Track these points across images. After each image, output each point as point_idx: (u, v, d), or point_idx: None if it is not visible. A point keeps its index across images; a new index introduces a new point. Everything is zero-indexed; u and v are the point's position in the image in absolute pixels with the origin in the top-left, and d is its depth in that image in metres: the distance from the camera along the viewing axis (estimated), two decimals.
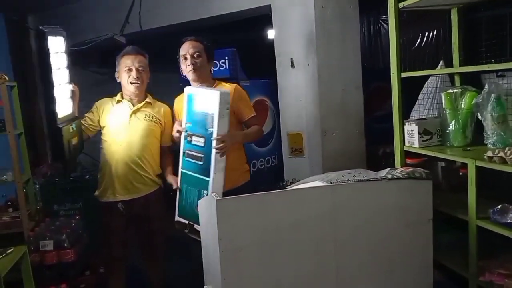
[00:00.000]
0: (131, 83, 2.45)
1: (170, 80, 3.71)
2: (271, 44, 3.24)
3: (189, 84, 2.51)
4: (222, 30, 3.93)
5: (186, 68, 2.40)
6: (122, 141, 2.45)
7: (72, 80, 2.47)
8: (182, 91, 2.43)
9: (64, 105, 2.38)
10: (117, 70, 2.51)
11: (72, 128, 2.36)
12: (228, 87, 2.46)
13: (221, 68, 3.66)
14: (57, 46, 2.36)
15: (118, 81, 2.53)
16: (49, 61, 2.26)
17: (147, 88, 2.58)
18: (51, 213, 2.85)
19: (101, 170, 2.52)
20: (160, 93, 2.71)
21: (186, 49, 2.40)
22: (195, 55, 2.38)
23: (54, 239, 2.47)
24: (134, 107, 2.50)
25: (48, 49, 2.26)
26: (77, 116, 2.48)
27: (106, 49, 2.54)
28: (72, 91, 2.44)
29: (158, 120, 2.53)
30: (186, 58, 2.40)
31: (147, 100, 2.54)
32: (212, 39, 2.57)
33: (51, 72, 2.27)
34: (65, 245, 2.48)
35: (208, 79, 2.47)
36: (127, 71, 2.45)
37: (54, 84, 2.28)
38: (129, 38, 3.88)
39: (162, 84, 3.02)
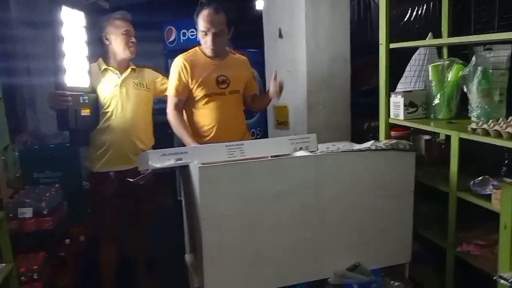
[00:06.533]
0: (130, 47, 2.41)
1: (154, 48, 3.62)
2: (259, 14, 3.17)
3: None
4: None
5: (205, 44, 2.32)
6: (114, 111, 2.40)
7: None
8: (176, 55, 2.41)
9: (77, 77, 2.35)
10: (105, 32, 2.41)
11: (83, 99, 2.31)
12: (243, 58, 2.51)
13: None
14: (75, 19, 2.34)
15: (107, 43, 2.43)
16: (58, 31, 2.22)
17: None
18: (30, 181, 2.79)
19: (94, 140, 2.44)
20: (144, 62, 2.62)
21: (207, 25, 2.25)
22: (217, 33, 2.27)
23: (33, 206, 2.42)
24: (121, 75, 2.43)
25: (59, 19, 2.22)
26: (95, 92, 2.41)
27: (89, 14, 2.46)
28: None
29: (146, 86, 2.50)
30: (206, 34, 2.28)
31: (132, 67, 2.48)
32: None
33: (59, 42, 2.21)
34: (44, 212, 2.43)
35: (224, 50, 2.41)
36: (125, 35, 2.39)
37: (64, 54, 2.23)
38: (112, 4, 3.76)
39: (146, 52, 2.93)
